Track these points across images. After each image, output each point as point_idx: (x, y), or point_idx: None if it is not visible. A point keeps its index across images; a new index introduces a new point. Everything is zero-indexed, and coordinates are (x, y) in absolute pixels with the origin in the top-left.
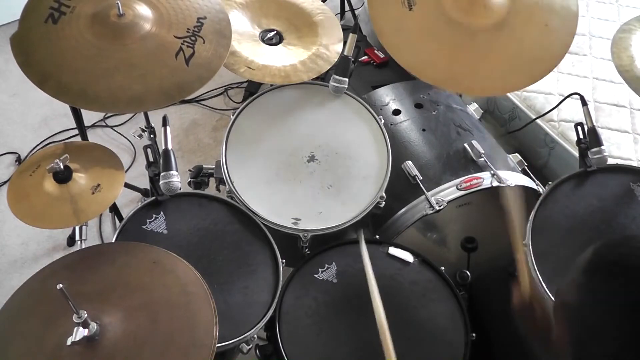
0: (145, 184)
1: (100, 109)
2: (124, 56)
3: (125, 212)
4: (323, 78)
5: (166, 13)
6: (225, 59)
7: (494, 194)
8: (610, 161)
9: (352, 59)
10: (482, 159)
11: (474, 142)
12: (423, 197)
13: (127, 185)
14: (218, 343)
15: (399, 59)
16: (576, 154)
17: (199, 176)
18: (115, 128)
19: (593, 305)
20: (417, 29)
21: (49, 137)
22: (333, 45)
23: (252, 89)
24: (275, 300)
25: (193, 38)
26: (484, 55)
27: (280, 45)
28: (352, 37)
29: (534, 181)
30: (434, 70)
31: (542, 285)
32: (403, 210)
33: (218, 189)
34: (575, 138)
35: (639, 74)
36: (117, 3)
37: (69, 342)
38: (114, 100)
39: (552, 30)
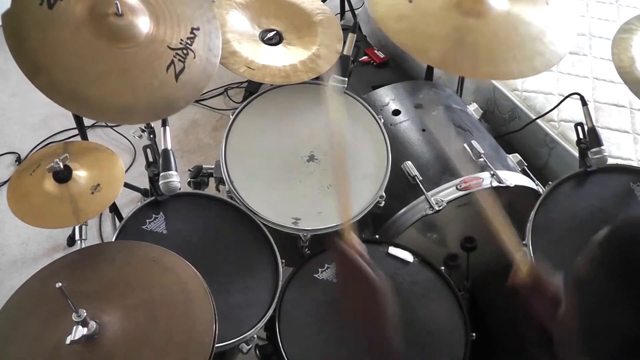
0: (145, 184)
1: (89, 114)
2: (117, 60)
3: (125, 212)
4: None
5: (162, 17)
6: (210, 79)
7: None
8: (610, 161)
9: (352, 59)
10: (482, 159)
11: (474, 142)
12: (423, 197)
13: (126, 185)
14: (218, 343)
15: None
16: (576, 154)
17: (199, 176)
18: (115, 128)
19: (605, 278)
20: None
21: (49, 137)
22: (333, 45)
23: (252, 89)
24: (275, 300)
25: (185, 51)
26: (489, 39)
27: (280, 45)
28: (351, 37)
29: (534, 181)
30: (432, 48)
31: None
32: (403, 210)
33: (218, 189)
34: (575, 138)
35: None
36: (116, 3)
37: (68, 341)
38: (104, 107)
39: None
